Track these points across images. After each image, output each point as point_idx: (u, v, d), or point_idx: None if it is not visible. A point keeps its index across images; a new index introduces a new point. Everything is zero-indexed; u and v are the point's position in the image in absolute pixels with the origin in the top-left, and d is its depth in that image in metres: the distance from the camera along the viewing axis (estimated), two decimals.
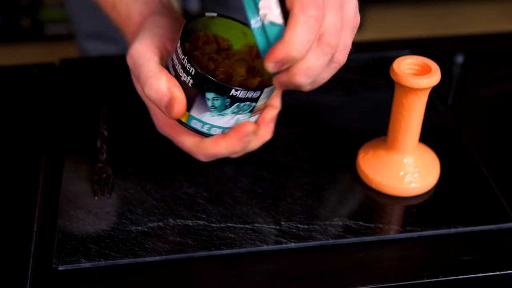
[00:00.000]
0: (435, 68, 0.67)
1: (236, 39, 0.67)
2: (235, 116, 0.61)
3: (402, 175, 0.71)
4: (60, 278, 0.62)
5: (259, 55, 0.65)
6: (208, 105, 0.59)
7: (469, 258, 0.65)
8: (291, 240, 0.66)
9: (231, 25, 0.66)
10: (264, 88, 0.59)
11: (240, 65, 0.65)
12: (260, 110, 0.63)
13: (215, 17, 0.66)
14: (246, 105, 0.60)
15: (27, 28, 2.51)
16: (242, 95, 0.58)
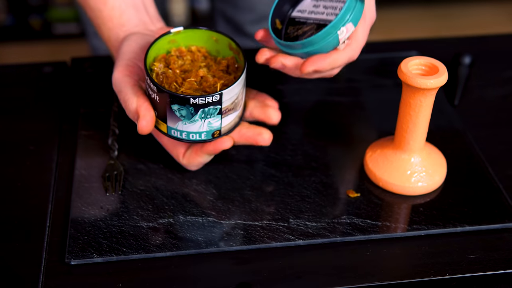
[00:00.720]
0: (442, 69, 0.67)
1: (211, 46, 0.74)
2: (206, 121, 0.67)
3: (409, 174, 0.72)
4: (72, 272, 0.63)
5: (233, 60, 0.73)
6: (177, 115, 0.66)
7: (475, 256, 0.66)
8: (299, 237, 0.67)
9: (201, 33, 0.73)
10: (222, 91, 0.65)
11: (218, 73, 0.71)
12: (231, 108, 0.68)
13: (181, 31, 0.73)
14: (212, 109, 0.66)
15: (36, 27, 2.53)
16: (202, 101, 0.65)
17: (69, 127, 0.81)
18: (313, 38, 0.65)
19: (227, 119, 0.68)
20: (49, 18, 2.52)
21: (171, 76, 0.69)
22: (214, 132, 0.68)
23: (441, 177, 0.73)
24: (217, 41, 0.73)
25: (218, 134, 0.69)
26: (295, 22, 0.71)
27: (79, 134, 0.79)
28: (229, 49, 0.72)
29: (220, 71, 0.71)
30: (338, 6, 0.68)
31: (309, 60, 0.66)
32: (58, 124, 0.82)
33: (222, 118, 0.67)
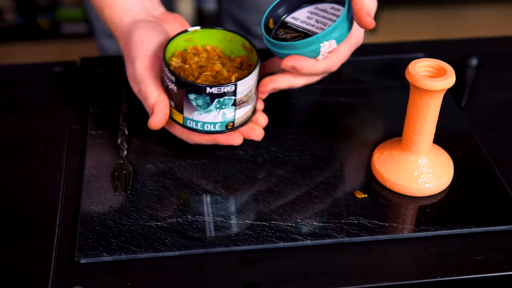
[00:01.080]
0: (450, 71, 0.68)
1: (225, 46, 0.77)
2: (221, 111, 0.70)
3: (416, 175, 0.72)
4: (82, 270, 0.64)
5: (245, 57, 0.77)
6: (194, 105, 0.70)
7: (482, 258, 0.66)
8: (307, 237, 0.67)
9: (217, 33, 0.77)
10: (237, 82, 0.68)
11: (231, 68, 0.75)
12: (245, 101, 0.71)
13: (198, 30, 0.76)
14: (227, 100, 0.69)
15: (45, 27, 2.54)
16: (217, 91, 0.68)
17: (78, 126, 0.82)
18: (296, 43, 0.71)
19: (241, 111, 0.71)
20: (57, 18, 2.53)
21: (187, 70, 0.73)
22: (228, 123, 0.71)
23: (448, 179, 0.74)
24: (231, 40, 0.76)
25: (231, 126, 0.72)
26: (286, 26, 0.76)
27: (88, 133, 0.80)
28: (242, 48, 0.76)
29: (234, 67, 0.74)
30: (328, 23, 0.74)
31: (290, 57, 0.72)
32: (68, 123, 0.82)
33: (236, 110, 0.71)
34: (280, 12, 0.77)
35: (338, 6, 0.75)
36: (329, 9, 0.75)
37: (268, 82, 0.75)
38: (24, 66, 0.96)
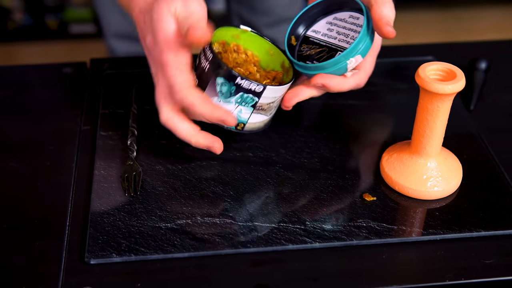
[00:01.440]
0: (460, 74, 0.68)
1: (265, 58, 0.77)
2: (238, 107, 0.69)
3: (425, 178, 0.72)
4: (92, 271, 0.64)
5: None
6: (217, 90, 0.68)
7: (491, 261, 0.66)
8: (315, 240, 0.68)
9: (262, 42, 0.76)
10: (267, 85, 0.68)
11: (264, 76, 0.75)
12: (264, 109, 0.70)
13: (247, 31, 0.76)
14: (249, 98, 0.69)
15: (53, 27, 2.55)
16: (246, 85, 0.68)
17: (88, 127, 0.82)
18: (323, 64, 0.71)
19: (256, 117, 0.71)
20: (65, 18, 2.54)
21: (225, 58, 0.73)
22: (239, 123, 0.71)
23: (457, 182, 0.74)
24: (273, 56, 0.76)
25: (241, 127, 0.72)
26: (309, 41, 0.76)
27: (98, 134, 0.80)
28: (280, 66, 0.75)
29: (267, 77, 0.74)
30: (350, 34, 0.73)
31: (320, 75, 0.72)
32: (78, 124, 0.83)
33: (253, 113, 0.70)
34: (300, 27, 0.77)
35: (356, 14, 0.75)
36: (348, 18, 0.75)
37: (292, 97, 0.74)
38: (35, 67, 0.97)
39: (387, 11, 0.71)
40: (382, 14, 0.71)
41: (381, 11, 0.71)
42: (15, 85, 0.91)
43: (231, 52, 0.75)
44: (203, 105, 0.68)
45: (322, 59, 0.74)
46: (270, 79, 0.75)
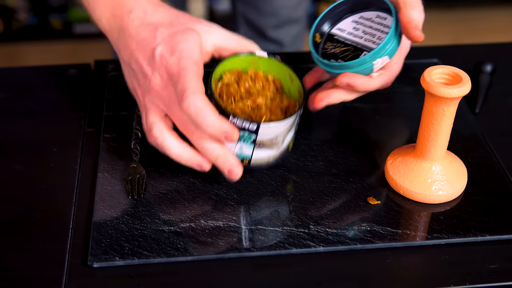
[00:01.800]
0: (465, 78, 0.68)
1: (287, 82, 0.74)
2: (239, 144, 0.68)
3: (430, 182, 0.72)
4: (95, 274, 0.64)
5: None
6: None
7: (496, 266, 0.66)
8: (319, 244, 0.67)
9: (281, 67, 0.74)
10: (260, 123, 0.66)
11: (277, 106, 0.73)
12: (267, 145, 0.69)
13: (263, 57, 0.74)
14: (246, 135, 0.67)
15: (57, 27, 2.56)
16: (239, 123, 0.66)
17: (92, 129, 0.82)
18: (349, 63, 0.70)
19: (260, 153, 0.69)
20: (69, 18, 2.54)
21: (232, 91, 0.72)
22: (243, 158, 0.70)
23: (462, 186, 0.73)
24: (292, 81, 0.74)
25: (247, 163, 0.70)
26: (333, 39, 0.75)
27: (102, 136, 0.80)
28: (298, 92, 0.73)
29: (279, 108, 0.72)
30: (377, 34, 0.72)
31: (345, 74, 0.72)
32: (82, 126, 0.82)
33: (255, 150, 0.69)
34: (325, 25, 0.76)
35: (383, 14, 0.74)
36: (375, 17, 0.74)
37: (322, 98, 0.74)
38: (39, 68, 0.97)
39: (416, 14, 0.70)
40: (411, 17, 0.70)
41: (410, 14, 0.70)
42: (19, 86, 0.91)
43: (246, 80, 0.73)
44: (213, 113, 0.66)
45: (347, 58, 0.72)
46: (281, 111, 0.72)
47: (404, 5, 0.71)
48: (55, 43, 2.52)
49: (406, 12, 0.70)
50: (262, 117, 0.70)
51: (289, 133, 0.70)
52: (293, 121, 0.69)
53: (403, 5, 0.71)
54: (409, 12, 0.70)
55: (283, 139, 0.70)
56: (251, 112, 0.71)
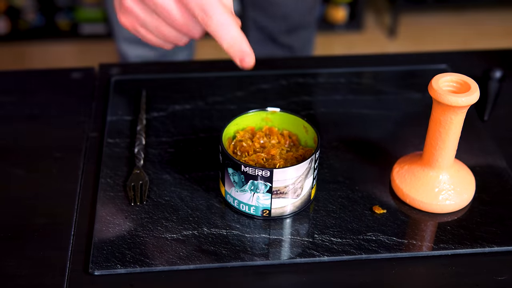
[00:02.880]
0: (474, 86, 0.66)
1: (302, 134, 0.73)
2: (255, 195, 0.67)
3: (437, 191, 0.71)
4: (96, 282, 0.63)
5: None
6: (231, 180, 0.68)
7: (503, 278, 0.65)
8: (324, 253, 0.66)
9: (294, 119, 0.73)
10: (273, 169, 0.65)
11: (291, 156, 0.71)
12: (285, 193, 0.67)
13: (276, 112, 0.74)
14: (261, 184, 0.66)
15: (64, 27, 2.55)
16: (252, 172, 0.66)
17: (95, 134, 0.81)
18: None
19: (279, 202, 0.68)
20: (76, 18, 2.54)
21: (246, 146, 0.71)
22: (263, 210, 0.69)
23: (470, 195, 0.72)
24: (307, 131, 0.72)
25: (267, 214, 0.69)
26: None
27: (105, 142, 0.79)
28: (313, 141, 0.71)
29: (294, 158, 0.70)
30: None
31: None
32: (85, 131, 0.82)
33: (273, 199, 0.67)
34: None
35: None
36: None
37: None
38: (43, 71, 0.96)
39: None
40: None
41: None
42: (22, 90, 0.90)
43: (261, 137, 0.73)
44: (236, 26, 0.61)
45: None
46: (296, 160, 0.70)
47: None
48: (62, 44, 2.52)
49: None
50: (276, 165, 0.69)
51: (306, 180, 0.68)
52: (307, 166, 0.67)
53: None
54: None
55: (301, 186, 0.68)
56: (265, 163, 0.70)
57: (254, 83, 0.90)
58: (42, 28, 2.54)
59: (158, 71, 0.94)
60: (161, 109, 0.85)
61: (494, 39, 2.57)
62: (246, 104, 0.86)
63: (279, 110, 0.74)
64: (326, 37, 2.60)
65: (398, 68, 0.94)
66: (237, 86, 0.90)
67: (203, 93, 0.88)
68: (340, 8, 2.64)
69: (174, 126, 0.82)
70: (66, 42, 2.53)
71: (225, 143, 0.71)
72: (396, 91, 0.90)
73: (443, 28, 2.61)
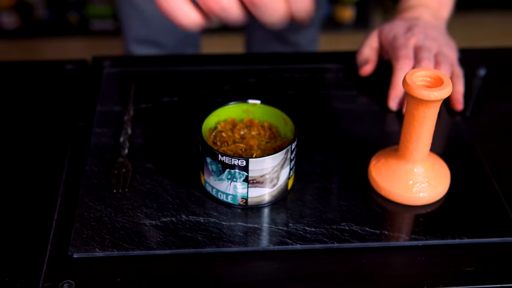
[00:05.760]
0: (447, 81, 0.68)
1: (282, 126, 0.75)
2: (232, 183, 0.69)
3: (411, 184, 0.72)
4: (74, 265, 0.65)
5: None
6: (209, 169, 0.70)
7: (471, 269, 0.66)
8: (297, 241, 0.68)
9: (274, 112, 0.75)
10: (249, 158, 0.67)
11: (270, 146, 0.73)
12: (261, 182, 0.69)
13: (257, 104, 0.76)
14: (238, 173, 0.68)
15: (74, 23, 2.59)
16: (228, 161, 0.67)
17: (84, 124, 0.83)
18: None
19: (256, 191, 0.70)
20: (86, 14, 2.57)
21: (225, 136, 0.73)
22: (240, 198, 0.70)
23: (444, 189, 0.74)
24: (286, 123, 0.74)
25: (244, 203, 0.71)
26: None
27: (93, 131, 0.82)
28: (291, 133, 0.73)
29: (272, 149, 0.72)
30: None
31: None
32: (74, 120, 0.84)
33: (249, 188, 0.69)
34: None
35: None
36: None
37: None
38: (37, 63, 0.98)
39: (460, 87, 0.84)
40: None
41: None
42: (16, 80, 0.93)
43: (241, 128, 0.74)
44: None
45: None
46: (274, 151, 0.71)
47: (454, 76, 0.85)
48: (72, 39, 2.55)
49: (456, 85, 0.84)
50: (253, 155, 0.71)
51: (283, 170, 0.70)
52: (283, 156, 0.69)
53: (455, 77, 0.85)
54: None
55: (277, 176, 0.70)
56: (243, 153, 0.72)
57: (241, 77, 0.92)
58: (51, 23, 2.57)
59: (149, 65, 0.96)
60: (149, 101, 0.87)
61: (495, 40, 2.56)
62: (232, 97, 0.87)
63: (259, 102, 0.76)
64: (334, 36, 2.61)
65: (384, 65, 0.96)
66: (225, 80, 0.92)
67: (191, 86, 0.90)
68: (347, 8, 2.65)
69: (161, 117, 0.84)
70: (75, 38, 2.56)
71: (206, 133, 0.73)
72: (384, 88, 0.91)
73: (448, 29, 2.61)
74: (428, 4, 0.93)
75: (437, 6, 0.93)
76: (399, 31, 0.89)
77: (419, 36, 0.87)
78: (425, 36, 0.87)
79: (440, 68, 0.84)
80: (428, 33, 0.88)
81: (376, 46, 0.92)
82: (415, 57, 0.85)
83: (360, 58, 0.92)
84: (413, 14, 0.92)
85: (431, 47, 0.86)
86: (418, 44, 0.86)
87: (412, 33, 0.87)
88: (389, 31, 0.90)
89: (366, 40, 0.93)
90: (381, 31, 0.92)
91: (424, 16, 0.91)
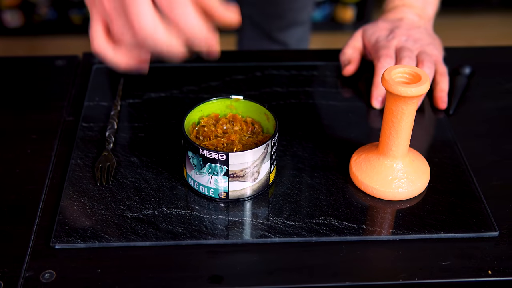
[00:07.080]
0: (424, 78, 0.69)
1: (264, 122, 0.76)
2: (213, 177, 0.70)
3: (390, 179, 0.73)
4: (56, 255, 0.67)
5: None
6: (191, 163, 0.71)
7: (447, 263, 0.67)
8: (276, 235, 0.69)
9: (256, 107, 0.77)
10: (229, 153, 0.68)
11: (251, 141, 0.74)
12: (241, 176, 0.70)
13: (240, 100, 0.77)
14: (218, 167, 0.69)
15: (77, 22, 2.60)
16: (209, 155, 0.69)
17: (71, 118, 0.85)
18: None
19: (236, 185, 0.71)
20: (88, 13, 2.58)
21: (208, 131, 0.74)
22: (221, 192, 0.71)
23: (423, 184, 0.74)
24: (268, 119, 0.75)
25: (225, 196, 0.72)
26: None
27: (80, 125, 0.83)
28: (273, 128, 0.74)
29: (253, 144, 0.73)
30: None
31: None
32: (62, 115, 0.85)
33: (230, 182, 0.70)
34: None
35: None
36: None
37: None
38: (29, 58, 1.00)
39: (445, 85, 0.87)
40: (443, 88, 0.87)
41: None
42: (8, 76, 0.95)
43: (224, 123, 0.75)
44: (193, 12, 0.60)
45: None
46: (255, 146, 0.71)
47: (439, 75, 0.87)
48: (74, 38, 2.57)
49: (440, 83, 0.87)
50: (233, 149, 0.72)
51: (263, 165, 0.71)
52: (263, 151, 0.70)
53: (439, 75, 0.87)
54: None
55: (257, 170, 0.71)
56: (224, 148, 0.73)
57: (229, 74, 0.94)
58: (54, 22, 2.59)
59: None
60: (137, 96, 0.89)
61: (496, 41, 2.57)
62: (219, 94, 0.89)
63: (242, 98, 0.77)
64: (334, 36, 2.62)
65: (369, 63, 0.97)
66: (213, 77, 0.93)
67: (179, 82, 0.92)
68: (348, 8, 2.66)
69: (147, 112, 0.86)
70: (78, 37, 2.58)
71: (189, 128, 0.75)
72: (367, 85, 0.92)
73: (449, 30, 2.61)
74: (412, 4, 0.93)
75: (422, 5, 0.94)
76: (381, 34, 0.90)
77: (400, 38, 0.88)
78: (407, 37, 0.88)
79: (422, 67, 0.85)
80: (410, 34, 0.89)
81: (359, 46, 0.93)
82: (396, 57, 0.86)
83: (343, 58, 0.93)
84: (397, 15, 0.93)
85: (413, 47, 0.87)
86: (399, 45, 0.87)
87: (393, 36, 0.88)
88: (372, 34, 0.91)
89: (349, 40, 0.94)
90: (364, 32, 0.93)
91: (408, 16, 0.92)
